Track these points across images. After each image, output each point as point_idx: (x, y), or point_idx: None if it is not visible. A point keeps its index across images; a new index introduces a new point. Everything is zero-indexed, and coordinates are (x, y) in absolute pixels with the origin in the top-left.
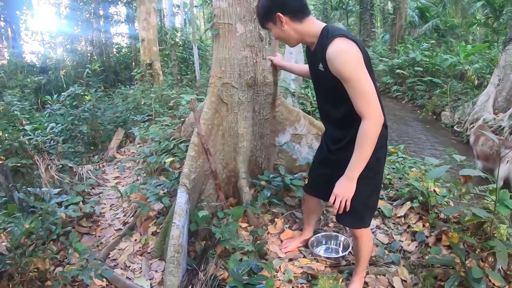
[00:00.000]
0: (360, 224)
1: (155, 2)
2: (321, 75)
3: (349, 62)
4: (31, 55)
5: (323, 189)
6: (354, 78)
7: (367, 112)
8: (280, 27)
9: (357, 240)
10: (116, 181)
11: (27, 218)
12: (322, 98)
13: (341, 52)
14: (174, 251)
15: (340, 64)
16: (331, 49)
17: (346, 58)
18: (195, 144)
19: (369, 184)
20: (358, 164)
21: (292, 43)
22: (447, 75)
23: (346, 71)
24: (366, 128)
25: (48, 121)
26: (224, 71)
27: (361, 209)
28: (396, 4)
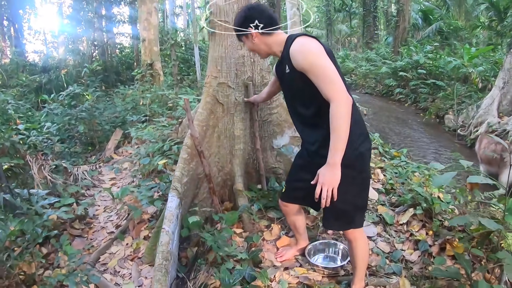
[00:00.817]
0: (349, 225)
1: (156, 2)
2: (287, 77)
3: (310, 52)
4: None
5: (302, 195)
6: (316, 65)
7: (334, 94)
8: (251, 41)
9: (351, 244)
10: (112, 182)
11: (13, 220)
12: (292, 101)
13: (303, 46)
14: (163, 258)
15: (301, 56)
16: (294, 47)
17: (306, 49)
18: (188, 146)
19: (355, 184)
20: (337, 147)
21: (263, 55)
22: (451, 78)
23: (308, 60)
24: (336, 110)
25: (44, 121)
26: (220, 70)
27: (350, 210)
28: (400, 6)
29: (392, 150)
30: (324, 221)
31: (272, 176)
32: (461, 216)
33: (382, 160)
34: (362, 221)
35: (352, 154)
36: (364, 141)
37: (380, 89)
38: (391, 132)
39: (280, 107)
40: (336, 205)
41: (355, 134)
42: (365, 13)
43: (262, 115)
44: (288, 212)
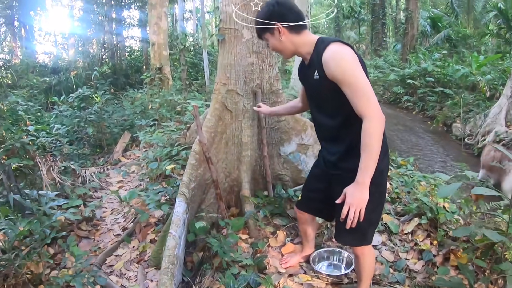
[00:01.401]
0: (362, 241)
1: (166, 7)
2: (316, 84)
3: (346, 63)
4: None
5: (318, 206)
6: (351, 78)
7: (368, 110)
8: (278, 38)
9: (358, 259)
10: (119, 185)
11: (22, 220)
12: (318, 109)
13: (337, 54)
14: (169, 262)
15: (336, 66)
16: (327, 53)
17: (342, 58)
18: (196, 152)
19: (372, 200)
20: (368, 166)
21: (287, 54)
22: (459, 86)
23: (343, 71)
24: (369, 127)
25: (54, 122)
26: (229, 77)
27: (364, 225)
28: (408, 13)
29: (399, 158)
30: (337, 234)
31: (278, 183)
32: (465, 227)
33: (389, 169)
34: (372, 237)
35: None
36: (384, 158)
37: (388, 96)
38: (398, 140)
39: None
40: None
41: (380, 157)
42: (373, 20)
43: (270, 122)
44: (302, 219)
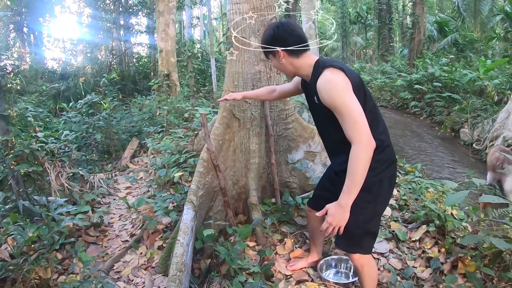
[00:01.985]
0: (356, 248)
1: (173, 14)
2: (316, 105)
3: (334, 91)
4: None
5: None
6: (341, 107)
7: (356, 137)
8: (278, 60)
9: (357, 270)
10: (127, 191)
11: (31, 226)
12: (321, 125)
13: (327, 83)
14: (177, 269)
15: (326, 94)
16: (320, 81)
17: (331, 86)
18: (204, 160)
19: (368, 208)
20: (351, 190)
21: (289, 75)
22: (466, 91)
23: (333, 100)
24: (355, 153)
25: (63, 128)
26: (237, 85)
27: (358, 233)
28: (415, 18)
29: (406, 165)
30: (335, 237)
31: (286, 190)
32: (472, 235)
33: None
34: (370, 247)
35: (371, 179)
36: (387, 168)
37: (395, 102)
38: (406, 146)
39: (296, 122)
40: (347, 224)
41: (379, 160)
42: (380, 25)
43: (278, 130)
44: (311, 218)
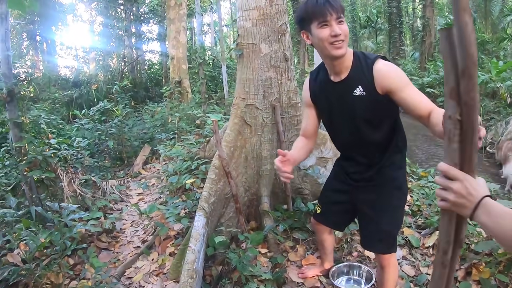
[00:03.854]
0: (391, 248)
1: (184, 21)
2: (359, 99)
3: (402, 73)
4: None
5: (338, 219)
6: (409, 83)
7: (433, 105)
8: (309, 42)
9: (384, 270)
10: (139, 198)
11: (43, 231)
12: (355, 126)
13: (391, 66)
14: (188, 276)
15: (396, 74)
16: (380, 65)
17: (398, 69)
18: (216, 167)
19: (402, 207)
20: None
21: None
22: (479, 93)
23: (403, 78)
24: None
25: (75, 135)
26: (248, 92)
27: (395, 233)
28: (425, 21)
29: (419, 169)
30: (367, 242)
31: (298, 196)
32: (486, 241)
33: (409, 181)
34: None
35: (403, 177)
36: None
37: None
38: (418, 151)
39: None
40: (385, 226)
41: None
42: (390, 29)
43: (289, 136)
44: (319, 231)
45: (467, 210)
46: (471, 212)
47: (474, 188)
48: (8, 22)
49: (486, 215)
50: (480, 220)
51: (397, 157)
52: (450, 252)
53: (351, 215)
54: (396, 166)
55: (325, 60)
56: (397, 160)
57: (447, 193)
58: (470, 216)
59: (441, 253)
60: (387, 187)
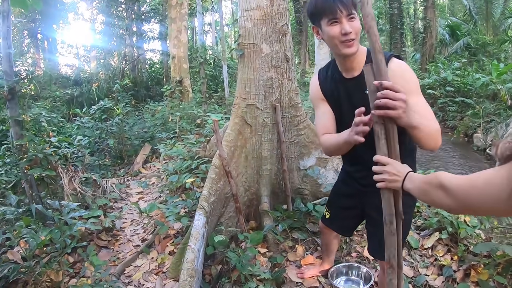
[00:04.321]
0: None
1: (186, 21)
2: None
3: (414, 77)
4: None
5: (349, 224)
6: (418, 92)
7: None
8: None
9: (384, 274)
10: (139, 196)
11: (44, 229)
12: None
13: (406, 67)
14: (187, 275)
15: (406, 77)
16: (393, 65)
17: (411, 72)
18: (216, 166)
19: (409, 213)
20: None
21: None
22: (479, 95)
23: (412, 84)
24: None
25: (76, 133)
26: (249, 92)
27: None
28: (427, 22)
29: (419, 171)
30: (372, 248)
31: (298, 197)
32: (485, 243)
33: None
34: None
35: None
36: None
37: None
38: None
39: (308, 128)
40: None
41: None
42: (392, 30)
43: (290, 136)
44: (326, 234)
45: (398, 183)
46: (401, 184)
47: (401, 167)
48: (10, 20)
49: (411, 183)
50: (407, 187)
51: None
52: (394, 223)
53: (358, 220)
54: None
55: (336, 57)
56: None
57: (382, 175)
58: (402, 188)
59: (388, 224)
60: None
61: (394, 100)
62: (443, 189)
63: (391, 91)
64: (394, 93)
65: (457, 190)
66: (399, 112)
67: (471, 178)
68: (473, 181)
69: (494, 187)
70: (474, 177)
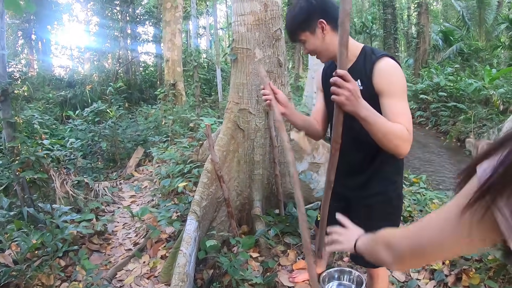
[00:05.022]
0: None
1: (180, 24)
2: None
3: (401, 80)
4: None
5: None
6: (402, 96)
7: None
8: (320, 36)
9: (372, 281)
10: (131, 200)
11: (35, 232)
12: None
13: (394, 68)
14: (179, 279)
15: (392, 78)
16: (382, 64)
17: (398, 74)
18: (208, 171)
19: (390, 220)
20: (374, 117)
21: (326, 57)
22: (472, 100)
23: (397, 86)
24: (405, 133)
25: (69, 136)
26: (242, 96)
27: None
28: (420, 28)
29: (411, 175)
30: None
31: (290, 201)
32: None
33: None
34: None
35: (394, 193)
36: (401, 183)
37: None
38: (411, 157)
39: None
40: None
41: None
42: (385, 35)
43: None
44: None
45: (352, 106)
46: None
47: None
48: (4, 21)
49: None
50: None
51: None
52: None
53: None
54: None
55: None
56: (390, 168)
57: (342, 90)
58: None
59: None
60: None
61: (341, 87)
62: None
63: (339, 79)
64: (341, 81)
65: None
66: (341, 99)
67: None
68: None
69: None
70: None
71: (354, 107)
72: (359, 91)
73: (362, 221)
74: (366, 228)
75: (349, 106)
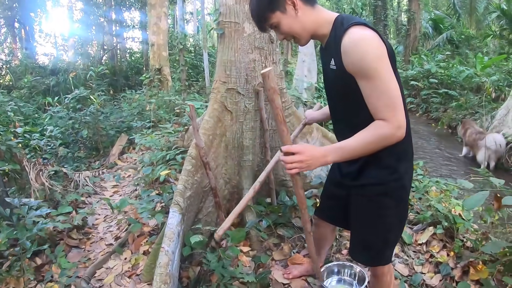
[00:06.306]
0: (378, 261)
1: (166, 7)
2: (332, 74)
3: (369, 54)
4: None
5: (336, 214)
6: (374, 74)
7: (389, 115)
8: (293, 14)
9: (375, 279)
10: (114, 190)
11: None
12: (335, 104)
13: (359, 42)
14: (161, 281)
15: (357, 56)
16: (347, 39)
17: (365, 48)
18: (193, 157)
19: (391, 216)
20: (342, 152)
21: (305, 37)
22: (463, 87)
23: (364, 64)
24: (383, 130)
25: (48, 124)
26: (229, 75)
27: (380, 245)
28: (410, 15)
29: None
30: (351, 249)
31: (282, 189)
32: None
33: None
34: (391, 256)
35: (395, 184)
36: (407, 171)
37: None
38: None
39: (293, 116)
40: (365, 236)
41: (403, 167)
42: (375, 22)
43: (274, 124)
44: (320, 227)
45: (314, 166)
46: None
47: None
48: None
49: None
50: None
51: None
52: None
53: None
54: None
55: None
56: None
57: (292, 165)
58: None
59: None
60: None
61: (290, 163)
62: None
63: (285, 157)
64: (288, 158)
65: None
66: (296, 171)
67: None
68: None
69: None
70: None
71: (316, 165)
72: (310, 149)
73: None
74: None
75: (312, 167)
